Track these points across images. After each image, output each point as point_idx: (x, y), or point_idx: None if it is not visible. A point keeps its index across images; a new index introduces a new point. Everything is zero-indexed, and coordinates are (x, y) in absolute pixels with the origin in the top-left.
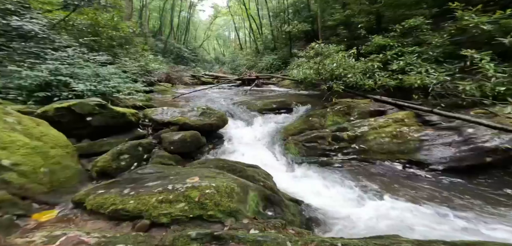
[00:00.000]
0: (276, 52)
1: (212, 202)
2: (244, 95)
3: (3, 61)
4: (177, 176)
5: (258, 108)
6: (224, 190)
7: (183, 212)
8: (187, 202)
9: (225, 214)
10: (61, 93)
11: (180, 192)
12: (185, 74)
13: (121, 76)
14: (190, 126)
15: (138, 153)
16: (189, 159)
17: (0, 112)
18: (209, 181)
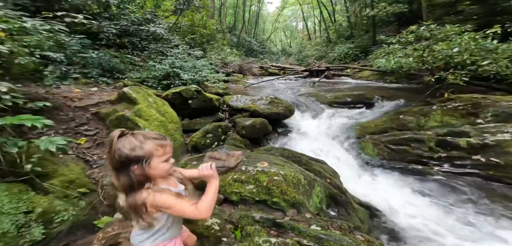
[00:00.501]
0: (353, 40)
1: (278, 190)
2: (312, 87)
3: (147, 57)
4: (249, 159)
5: (328, 101)
6: (291, 180)
7: (251, 193)
8: (256, 185)
9: (288, 203)
10: (174, 82)
11: (251, 174)
12: (254, 66)
13: (209, 68)
14: (259, 113)
15: (218, 134)
16: (256, 144)
17: (146, 95)
18: (277, 168)
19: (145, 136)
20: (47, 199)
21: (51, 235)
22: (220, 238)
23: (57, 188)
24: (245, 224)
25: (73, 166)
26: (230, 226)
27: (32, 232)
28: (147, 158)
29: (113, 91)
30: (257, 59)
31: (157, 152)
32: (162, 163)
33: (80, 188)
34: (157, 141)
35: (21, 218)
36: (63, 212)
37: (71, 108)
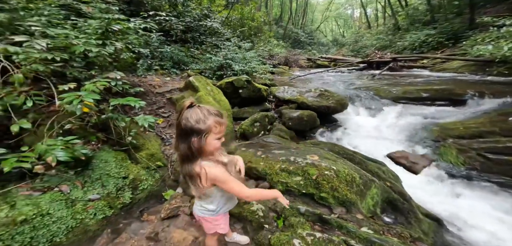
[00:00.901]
0: (436, 25)
1: (328, 185)
2: (371, 80)
3: (204, 51)
4: (297, 150)
5: (393, 96)
6: (344, 177)
7: (298, 185)
8: (304, 177)
9: (337, 201)
10: (226, 72)
11: (300, 166)
12: (301, 58)
13: (257, 59)
14: (307, 106)
15: (264, 123)
16: (302, 137)
17: (205, 83)
18: (329, 162)
19: (209, 111)
20: (136, 168)
21: (134, 200)
22: (262, 224)
23: (143, 159)
24: (289, 215)
25: (154, 142)
26: (273, 214)
27: (124, 195)
28: (206, 133)
29: (181, 80)
30: (304, 50)
31: (215, 129)
32: (215, 140)
33: (157, 161)
34: (217, 118)
35: (120, 182)
36: (144, 181)
37: (153, 94)
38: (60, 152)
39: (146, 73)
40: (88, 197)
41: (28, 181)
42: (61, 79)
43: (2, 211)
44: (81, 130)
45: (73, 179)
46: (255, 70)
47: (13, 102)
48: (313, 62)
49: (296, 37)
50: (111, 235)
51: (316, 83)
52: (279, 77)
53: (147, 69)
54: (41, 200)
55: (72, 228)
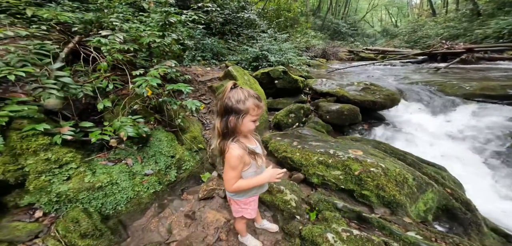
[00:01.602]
0: None
1: (373, 183)
2: (433, 74)
3: (240, 43)
4: (337, 144)
5: (465, 93)
6: (394, 176)
7: (336, 179)
8: (344, 172)
9: (381, 201)
10: (262, 63)
11: (340, 160)
12: (341, 50)
13: (293, 51)
14: (348, 99)
15: (300, 115)
16: (339, 132)
17: (242, 73)
18: (376, 159)
19: (249, 93)
20: (181, 149)
21: (178, 179)
22: (294, 215)
23: (187, 141)
24: (323, 209)
25: (196, 126)
26: (306, 206)
27: (171, 173)
28: (244, 113)
29: (219, 71)
30: (345, 42)
31: (252, 111)
32: (251, 122)
33: (199, 144)
34: (256, 101)
35: (169, 161)
36: (187, 161)
37: (196, 82)
38: (130, 128)
39: (191, 63)
40: (144, 172)
41: (105, 152)
42: (131, 67)
43: (86, 177)
44: (143, 110)
45: (135, 153)
46: (291, 61)
47: (99, 85)
48: (355, 55)
49: (336, 28)
50: (158, 209)
51: (359, 77)
52: (315, 70)
53: (191, 60)
54: (113, 170)
55: (130, 198)
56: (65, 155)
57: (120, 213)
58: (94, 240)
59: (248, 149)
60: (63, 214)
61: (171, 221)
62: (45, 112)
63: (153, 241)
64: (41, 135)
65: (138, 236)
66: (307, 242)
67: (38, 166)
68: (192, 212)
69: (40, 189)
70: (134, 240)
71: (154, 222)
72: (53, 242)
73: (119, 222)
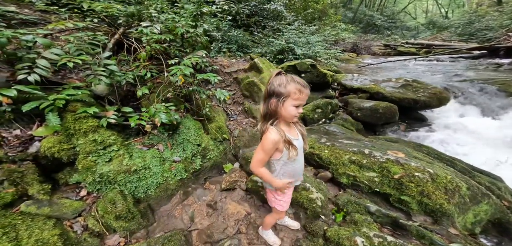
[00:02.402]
0: None
1: (417, 189)
2: (493, 71)
3: (265, 35)
4: (373, 144)
5: None
6: (444, 183)
7: (369, 181)
8: (381, 174)
9: (423, 208)
10: (288, 56)
11: (377, 161)
12: (374, 44)
13: (322, 44)
14: (384, 97)
15: (327, 110)
16: (370, 131)
17: (268, 65)
18: (422, 163)
19: (293, 79)
20: (207, 138)
21: (202, 167)
22: (318, 214)
23: (213, 131)
24: (352, 211)
25: (221, 116)
26: (332, 207)
27: (196, 161)
28: (285, 97)
29: (245, 62)
30: (379, 36)
31: (294, 95)
32: (292, 107)
33: (223, 134)
34: (298, 85)
35: (195, 149)
36: (211, 151)
37: (222, 73)
38: (163, 115)
39: (217, 55)
40: (173, 158)
41: (141, 137)
42: (167, 56)
43: (125, 159)
44: (175, 99)
45: (166, 140)
46: (319, 55)
47: (138, 74)
48: (391, 49)
49: (370, 20)
50: (182, 196)
51: (395, 73)
52: (344, 64)
53: (218, 52)
54: (146, 155)
55: (159, 184)
56: (108, 137)
57: (150, 198)
58: (126, 222)
59: (285, 136)
60: (103, 195)
61: (194, 209)
62: (94, 97)
63: (177, 228)
64: (91, 118)
65: (163, 221)
66: (331, 243)
67: (87, 146)
68: (214, 202)
69: (86, 169)
70: (159, 225)
71: (179, 209)
72: (92, 222)
73: (148, 206)
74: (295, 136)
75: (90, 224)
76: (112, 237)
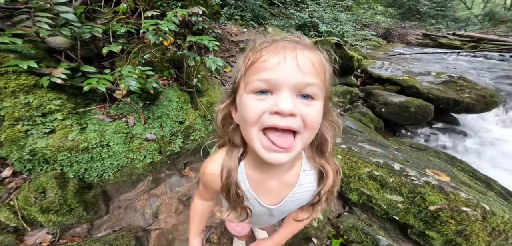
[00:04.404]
0: None
1: (455, 227)
2: None
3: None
4: (404, 155)
5: None
6: (497, 224)
7: (388, 206)
8: (409, 200)
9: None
10: (309, 32)
11: (410, 182)
12: (412, 32)
13: (352, 24)
14: (419, 92)
15: (345, 100)
16: (391, 131)
17: None
18: (474, 194)
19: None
20: (194, 115)
21: (183, 150)
22: (311, 236)
23: (202, 106)
24: (355, 240)
25: (216, 90)
26: (331, 229)
27: (176, 142)
28: (244, 67)
29: (257, 33)
30: (421, 24)
31: (257, 57)
32: (252, 99)
33: (214, 112)
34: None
35: (176, 127)
36: (197, 131)
37: (228, 41)
38: (133, 81)
39: (227, 21)
40: (146, 136)
41: (107, 104)
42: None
43: (71, 133)
44: (160, 63)
45: (140, 111)
46: (346, 35)
47: (113, 29)
48: (431, 40)
49: (414, 6)
50: (151, 184)
51: (431, 66)
52: (371, 51)
53: (228, 18)
54: (107, 129)
55: (121, 167)
56: (51, 101)
57: (106, 183)
58: (58, 216)
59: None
60: (32, 179)
61: (161, 202)
62: (49, 51)
63: (133, 224)
64: (25, 74)
65: (117, 215)
66: None
67: (16, 111)
68: (187, 198)
69: (12, 141)
70: (111, 219)
71: (142, 200)
72: (6, 214)
73: (102, 193)
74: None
75: (2, 217)
76: (36, 233)
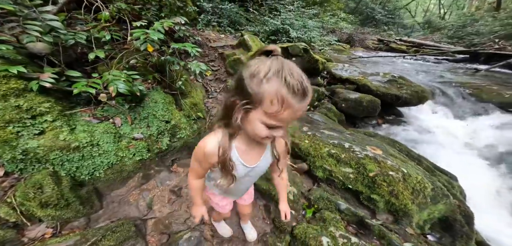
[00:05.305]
0: None
1: (388, 188)
2: (470, 76)
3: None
4: (353, 137)
5: (503, 101)
6: (413, 183)
7: (344, 177)
8: (357, 170)
9: (388, 207)
10: (281, 38)
11: (356, 156)
12: (370, 38)
13: (319, 30)
14: (369, 90)
15: (313, 98)
16: (351, 123)
17: (258, 44)
18: (397, 162)
19: (282, 71)
20: (179, 115)
21: (170, 147)
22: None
23: (187, 107)
24: (323, 208)
25: (199, 92)
26: (304, 201)
27: (163, 140)
28: (253, 103)
29: (234, 39)
30: (376, 30)
31: (269, 106)
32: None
33: (198, 112)
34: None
35: (162, 126)
36: (183, 129)
37: (207, 47)
38: (121, 84)
39: (205, 28)
40: (133, 135)
41: (92, 107)
42: (138, 20)
43: (62, 133)
44: (143, 68)
45: (126, 113)
46: (313, 40)
47: (96, 35)
48: (384, 45)
49: (371, 13)
50: (141, 180)
51: (384, 68)
52: (336, 54)
53: (206, 24)
54: (96, 129)
55: (112, 164)
56: (40, 104)
57: (97, 180)
58: (56, 210)
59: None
60: (27, 177)
61: (154, 195)
62: (30, 56)
63: (129, 216)
64: (14, 78)
65: (112, 208)
66: (298, 241)
67: (6, 114)
68: (178, 189)
69: (4, 142)
70: (106, 212)
71: (135, 194)
72: (5, 210)
73: (94, 190)
74: (255, 160)
75: (1, 213)
76: (35, 227)
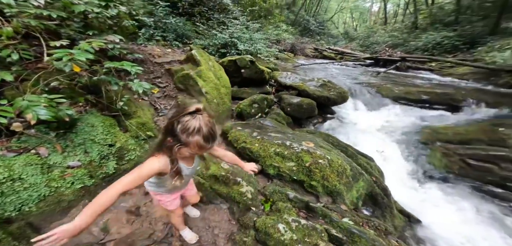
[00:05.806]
0: (456, 28)
1: (320, 174)
2: (375, 77)
3: (209, 27)
4: (294, 136)
5: (394, 95)
6: (336, 167)
7: (290, 171)
8: (297, 163)
9: (326, 190)
10: (230, 51)
11: (295, 151)
12: (308, 47)
13: (264, 42)
14: (308, 94)
15: (263, 106)
16: (298, 124)
17: (207, 59)
18: (323, 151)
19: (201, 128)
20: (125, 137)
21: (119, 170)
22: (249, 206)
23: (133, 128)
24: (277, 200)
25: (146, 111)
26: (262, 197)
27: (108, 165)
28: (183, 145)
29: (182, 53)
30: (312, 40)
31: (193, 148)
32: (187, 153)
33: (148, 131)
34: (202, 141)
35: (105, 150)
36: (132, 151)
37: (152, 63)
38: (42, 110)
39: (147, 42)
40: (67, 164)
41: (3, 139)
42: (55, 37)
43: None
44: (69, 89)
45: (53, 141)
46: (260, 52)
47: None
48: (319, 53)
49: (306, 25)
50: None
51: (320, 74)
52: (283, 63)
53: (148, 39)
54: (14, 163)
55: (44, 196)
56: None
57: (28, 215)
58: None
59: (175, 168)
60: None
61: (108, 218)
62: None
63: (81, 243)
64: None
65: None
66: (260, 233)
67: None
68: (136, 208)
69: None
70: None
71: None
72: None
73: (27, 225)
74: (191, 163)
75: None
76: None
